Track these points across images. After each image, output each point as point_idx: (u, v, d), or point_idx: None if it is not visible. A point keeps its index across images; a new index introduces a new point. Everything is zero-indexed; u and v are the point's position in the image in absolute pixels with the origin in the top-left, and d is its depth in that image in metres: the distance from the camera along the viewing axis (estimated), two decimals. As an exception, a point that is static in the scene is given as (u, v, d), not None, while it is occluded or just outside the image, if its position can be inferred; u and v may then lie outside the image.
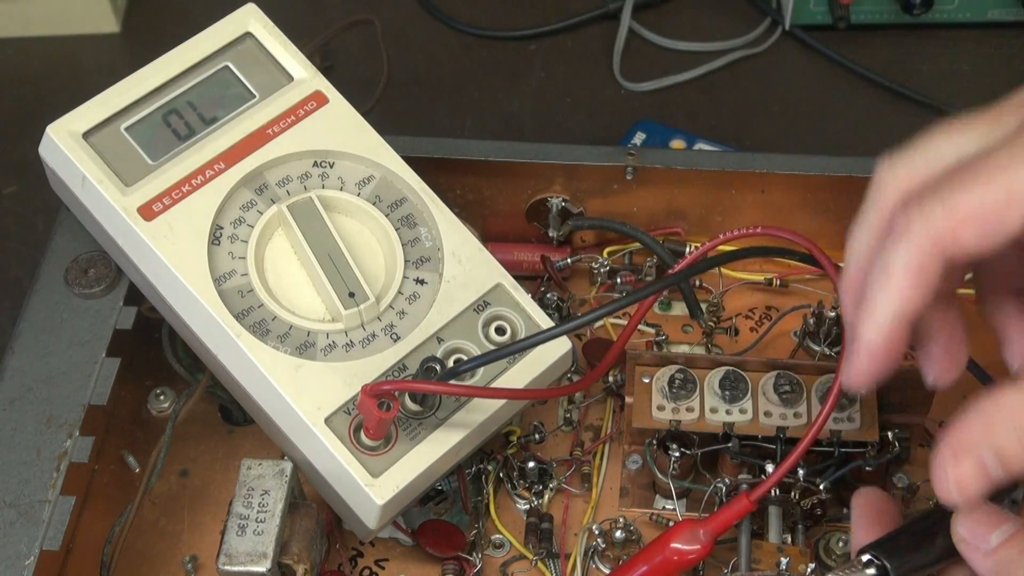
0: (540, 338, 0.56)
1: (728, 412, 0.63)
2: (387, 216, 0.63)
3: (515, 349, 0.57)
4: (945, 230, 0.44)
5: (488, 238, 0.73)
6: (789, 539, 0.62)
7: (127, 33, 0.98)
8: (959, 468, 0.45)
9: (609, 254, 0.73)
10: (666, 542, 0.57)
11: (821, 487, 0.61)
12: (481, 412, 0.60)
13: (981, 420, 0.45)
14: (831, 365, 0.64)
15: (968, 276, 0.52)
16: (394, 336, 0.61)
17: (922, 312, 0.46)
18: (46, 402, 0.63)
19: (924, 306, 0.46)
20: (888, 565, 0.50)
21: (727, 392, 0.63)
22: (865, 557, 0.50)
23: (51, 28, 0.97)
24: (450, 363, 0.59)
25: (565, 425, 0.68)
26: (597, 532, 0.62)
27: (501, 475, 0.65)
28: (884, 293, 0.46)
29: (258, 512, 0.57)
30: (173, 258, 0.60)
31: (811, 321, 0.69)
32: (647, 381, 0.65)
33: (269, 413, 0.60)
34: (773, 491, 0.61)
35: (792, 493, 0.61)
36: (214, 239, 0.61)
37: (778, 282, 0.73)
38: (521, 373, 0.61)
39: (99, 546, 0.62)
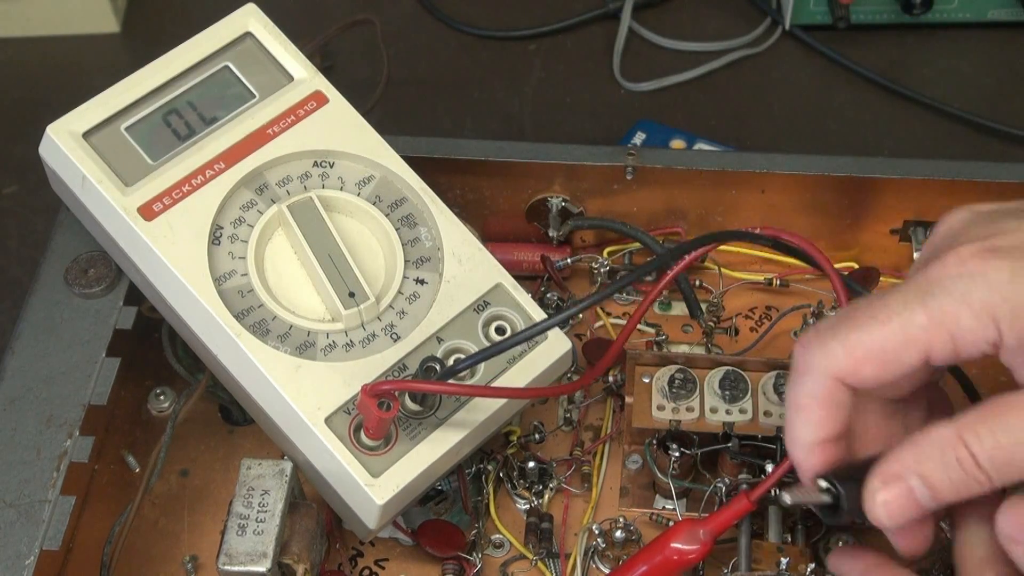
0: (533, 331, 0.56)
1: (728, 412, 0.63)
2: (387, 216, 0.63)
3: (510, 344, 0.57)
4: (846, 367, 0.48)
5: (488, 238, 0.73)
6: (789, 539, 0.62)
7: (127, 33, 0.99)
8: (888, 493, 0.48)
9: (609, 254, 0.73)
10: (666, 542, 0.57)
11: (821, 487, 0.61)
12: (481, 412, 0.60)
13: (912, 451, 0.48)
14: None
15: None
16: (394, 336, 0.61)
17: (845, 427, 0.50)
18: (46, 402, 0.63)
19: (843, 423, 0.50)
20: (841, 492, 0.50)
21: (727, 392, 0.63)
22: (823, 483, 0.51)
23: (51, 28, 0.97)
24: (450, 363, 0.59)
25: (565, 425, 0.68)
26: (597, 532, 0.62)
27: (501, 475, 0.65)
28: (799, 423, 0.50)
29: (258, 512, 0.57)
30: (173, 258, 0.60)
31: (811, 321, 0.69)
32: (647, 381, 0.65)
33: (269, 413, 0.60)
34: (773, 491, 0.61)
35: (792, 493, 0.61)
36: (214, 239, 0.61)
37: (778, 282, 0.73)
38: (521, 373, 0.61)
39: (99, 546, 0.62)
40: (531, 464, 0.65)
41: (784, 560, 0.59)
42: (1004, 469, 0.46)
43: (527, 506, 0.65)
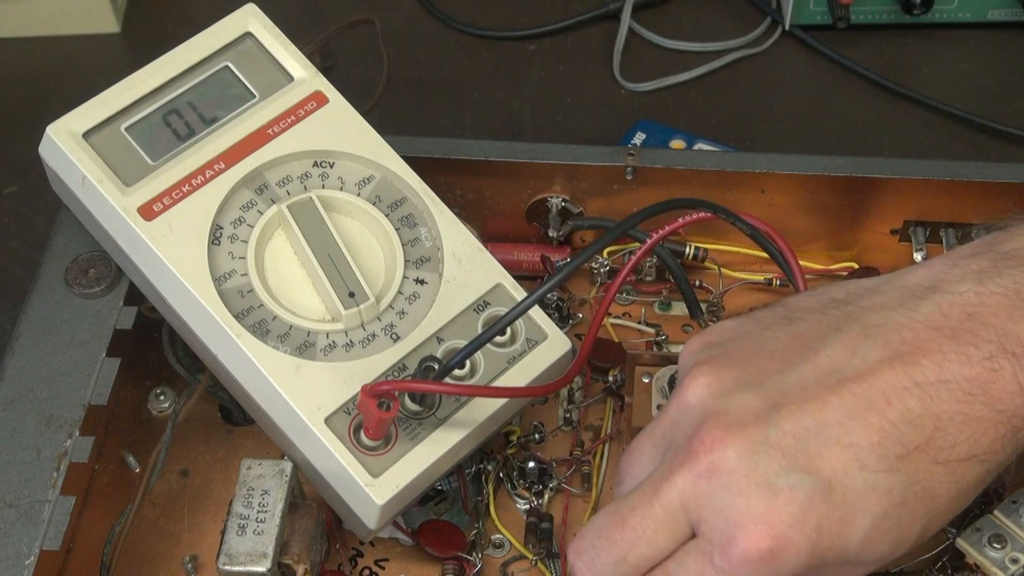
0: (516, 312, 0.56)
1: (728, 412, 0.63)
2: (387, 216, 0.63)
3: (495, 331, 0.56)
4: None
5: (488, 238, 0.73)
6: None
7: (127, 33, 0.98)
8: None
9: (609, 254, 0.73)
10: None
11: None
12: (481, 412, 0.60)
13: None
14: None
15: None
16: (394, 336, 0.61)
17: None
18: (46, 402, 0.63)
19: None
20: None
21: (727, 392, 0.63)
22: None
23: (51, 28, 0.97)
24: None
25: (565, 425, 0.68)
26: (597, 532, 0.62)
27: (501, 475, 0.65)
28: None
29: (258, 512, 0.57)
30: (173, 258, 0.60)
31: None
32: (647, 381, 0.65)
33: (269, 413, 0.60)
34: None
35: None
36: (214, 239, 0.61)
37: (778, 282, 0.73)
38: (521, 373, 0.61)
39: (99, 546, 0.62)
40: (531, 464, 0.65)
41: None
42: None
43: (527, 506, 0.65)
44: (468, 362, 0.60)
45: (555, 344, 0.62)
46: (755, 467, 0.48)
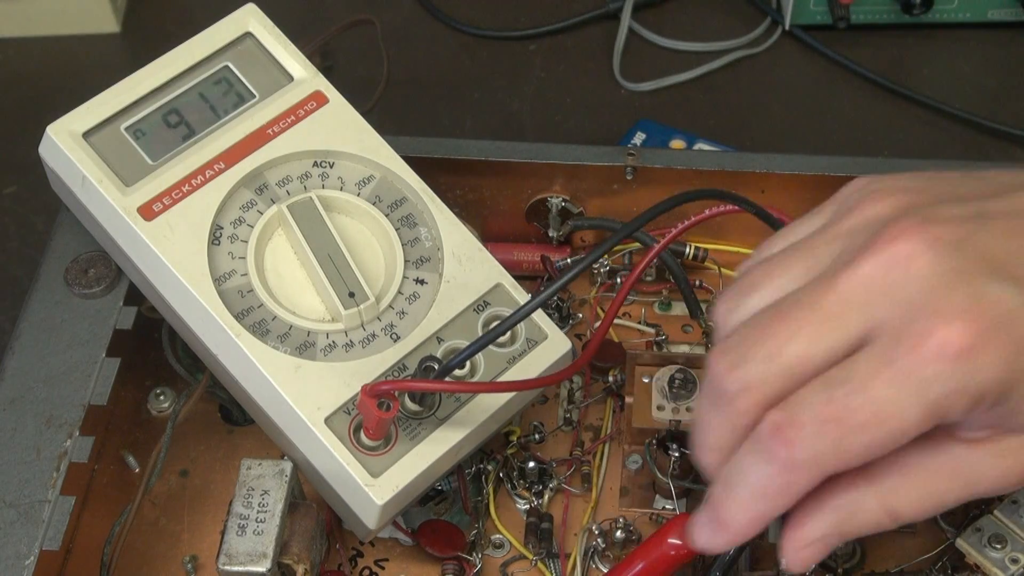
0: (520, 314, 0.56)
1: (728, 412, 0.63)
2: (387, 216, 0.63)
3: (498, 332, 0.56)
4: (836, 465, 0.44)
5: (488, 238, 0.73)
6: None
7: (127, 33, 0.99)
8: (808, 553, 0.48)
9: (609, 254, 0.73)
10: (663, 537, 0.57)
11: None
12: (481, 412, 0.60)
13: (834, 517, 0.47)
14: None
15: None
16: (394, 336, 0.61)
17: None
18: (46, 402, 0.63)
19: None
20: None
21: (727, 392, 0.63)
22: None
23: (51, 28, 0.97)
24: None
25: (565, 425, 0.68)
26: (597, 532, 0.62)
27: (501, 475, 0.65)
28: (753, 501, 0.46)
29: (258, 512, 0.57)
30: (173, 258, 0.60)
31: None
32: (647, 381, 0.65)
33: (269, 413, 0.60)
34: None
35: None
36: (214, 239, 0.61)
37: (778, 282, 0.73)
38: (521, 373, 0.61)
39: (99, 546, 0.62)
40: (531, 464, 0.65)
41: (784, 560, 0.59)
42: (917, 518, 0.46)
43: (527, 506, 0.65)
44: (468, 362, 0.60)
45: (555, 344, 0.62)
46: (961, 263, 0.42)
